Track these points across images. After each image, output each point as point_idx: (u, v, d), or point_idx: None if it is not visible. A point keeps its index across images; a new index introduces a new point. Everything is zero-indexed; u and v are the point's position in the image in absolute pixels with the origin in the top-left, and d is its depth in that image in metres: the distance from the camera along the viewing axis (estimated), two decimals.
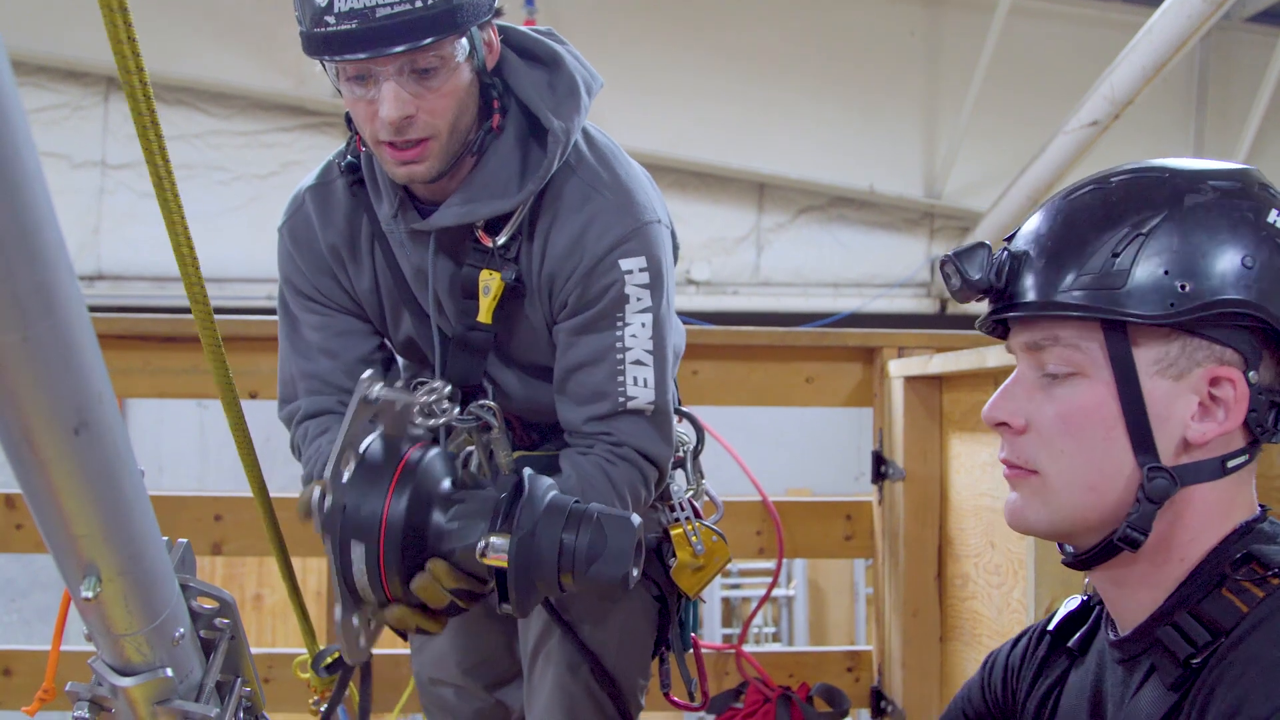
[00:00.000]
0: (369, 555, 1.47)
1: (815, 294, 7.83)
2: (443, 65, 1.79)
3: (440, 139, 1.84)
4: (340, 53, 1.73)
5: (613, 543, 1.50)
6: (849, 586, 7.53)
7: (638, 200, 1.96)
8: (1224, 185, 1.24)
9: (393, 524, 1.47)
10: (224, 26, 7.14)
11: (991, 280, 1.30)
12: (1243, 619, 1.17)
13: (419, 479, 1.52)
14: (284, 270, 2.13)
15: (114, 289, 7.16)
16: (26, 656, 3.32)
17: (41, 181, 0.70)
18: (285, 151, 7.33)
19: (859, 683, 3.50)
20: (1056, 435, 1.27)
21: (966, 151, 7.55)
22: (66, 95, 7.19)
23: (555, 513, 1.52)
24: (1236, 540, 1.24)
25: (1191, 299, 1.19)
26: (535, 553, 1.48)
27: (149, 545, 0.98)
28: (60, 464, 0.82)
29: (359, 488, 1.48)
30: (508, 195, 1.92)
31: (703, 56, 7.52)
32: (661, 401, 2.01)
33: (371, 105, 1.80)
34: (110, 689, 1.10)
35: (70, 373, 0.78)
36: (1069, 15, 7.87)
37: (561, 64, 1.97)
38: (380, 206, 2.01)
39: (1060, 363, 1.27)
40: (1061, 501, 1.28)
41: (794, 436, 8.12)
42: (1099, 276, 1.22)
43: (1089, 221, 1.26)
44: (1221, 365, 1.22)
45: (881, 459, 3.42)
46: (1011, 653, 1.53)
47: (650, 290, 1.95)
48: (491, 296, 1.95)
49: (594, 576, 1.49)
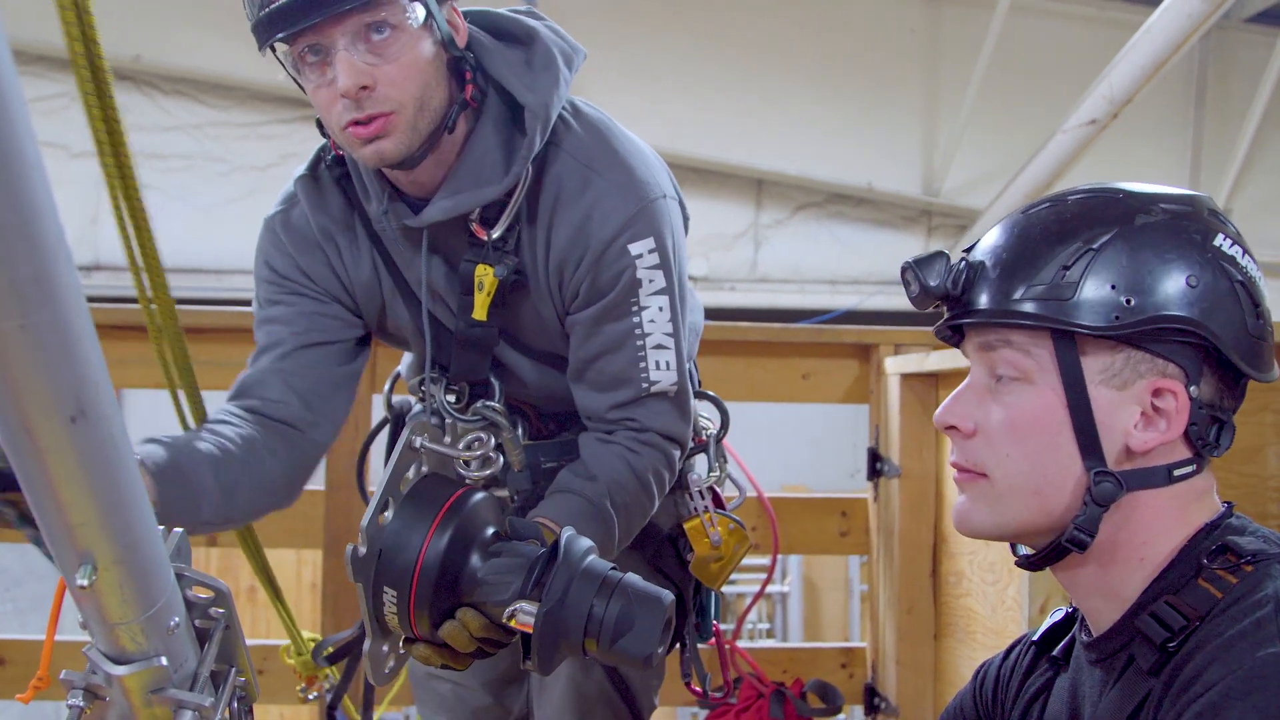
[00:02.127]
0: (400, 599, 1.46)
1: (812, 290, 7.84)
2: (398, 28, 1.72)
3: (405, 114, 1.76)
4: (288, 26, 1.67)
5: (641, 621, 1.46)
6: (844, 583, 7.53)
7: (639, 177, 1.89)
8: (1174, 208, 1.30)
9: (428, 566, 1.45)
10: (223, 17, 7.11)
11: (948, 288, 1.35)
12: (1216, 604, 1.21)
13: (462, 520, 1.50)
14: (266, 254, 2.05)
15: (112, 279, 7.15)
16: (21, 646, 3.32)
17: (42, 171, 0.70)
18: (285, 143, 7.33)
19: (853, 679, 3.50)
20: (1004, 439, 1.32)
21: (965, 149, 7.56)
22: (66, 85, 7.17)
23: (589, 579, 1.48)
24: (1207, 535, 1.29)
25: (1136, 313, 1.25)
26: (562, 623, 1.45)
27: (145, 534, 0.98)
28: (57, 452, 0.83)
29: (402, 521, 1.47)
30: (493, 181, 1.85)
31: (702, 52, 7.52)
32: (683, 381, 1.97)
33: (330, 89, 1.73)
34: (105, 677, 1.10)
35: (68, 361, 0.78)
36: (1068, 14, 7.88)
37: (537, 38, 1.90)
38: (369, 204, 1.96)
39: (1009, 367, 1.32)
40: (1007, 504, 1.33)
41: (790, 433, 8.12)
42: (1050, 288, 1.28)
43: (1043, 236, 1.32)
44: (1163, 378, 1.27)
45: (877, 456, 3.43)
46: (1003, 663, 1.57)
47: (662, 270, 1.90)
48: (485, 293, 1.89)
49: (619, 651, 1.46)
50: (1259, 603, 1.18)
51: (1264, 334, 1.31)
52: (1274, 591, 1.19)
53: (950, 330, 1.40)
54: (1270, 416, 2.71)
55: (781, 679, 3.13)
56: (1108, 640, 1.33)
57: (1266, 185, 8.01)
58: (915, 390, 3.32)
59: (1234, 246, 1.30)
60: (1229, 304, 1.27)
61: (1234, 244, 1.30)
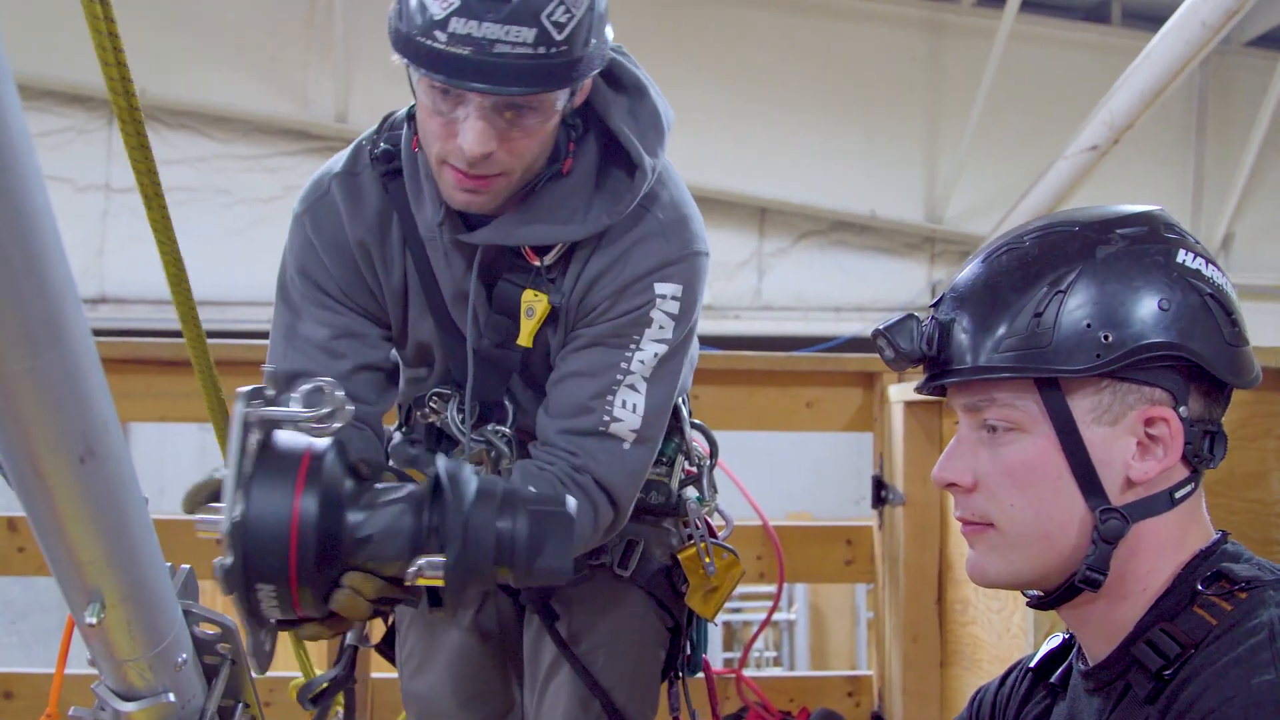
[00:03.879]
0: (279, 588, 1.26)
1: (816, 318, 7.84)
2: (540, 112, 1.69)
3: (512, 177, 1.74)
4: (445, 75, 1.61)
5: (552, 535, 1.33)
6: (850, 611, 7.51)
7: (691, 228, 1.89)
8: (1131, 232, 1.30)
9: (304, 544, 1.24)
10: (227, 50, 7.18)
11: (923, 349, 1.35)
12: (1211, 631, 1.22)
13: (325, 479, 1.27)
14: (299, 258, 1.95)
15: (117, 311, 7.17)
16: (28, 679, 3.32)
17: (49, 213, 0.70)
18: (288, 175, 7.35)
19: (859, 707, 3.50)
20: (1005, 490, 1.32)
21: (967, 176, 7.58)
22: (71, 119, 7.22)
23: (486, 503, 1.32)
24: (1202, 562, 1.29)
25: (1116, 348, 1.25)
26: (472, 565, 1.30)
27: (153, 572, 0.99)
28: (66, 492, 0.83)
29: (259, 505, 1.23)
30: (574, 222, 1.82)
31: (704, 81, 7.54)
32: (646, 433, 1.90)
33: (450, 126, 1.68)
34: (113, 714, 1.10)
35: (76, 402, 0.78)
36: (1069, 40, 7.91)
37: (646, 94, 1.89)
38: (421, 211, 1.88)
39: (1000, 420, 1.31)
40: (1019, 553, 1.33)
41: (794, 461, 8.10)
42: (1026, 336, 1.28)
43: (1009, 284, 1.31)
44: (1153, 405, 1.27)
45: (882, 484, 3.43)
46: (999, 689, 1.56)
47: (675, 322, 1.88)
48: (536, 319, 1.85)
49: (539, 572, 1.33)
50: (1253, 629, 1.18)
51: (1240, 341, 1.31)
52: (1269, 619, 1.19)
53: (932, 387, 1.40)
54: (1273, 442, 2.71)
55: (788, 708, 3.13)
56: (1105, 669, 1.33)
57: (1268, 209, 8.02)
58: (919, 417, 3.32)
59: (1196, 260, 1.30)
60: (1204, 319, 1.27)
61: (1196, 256, 1.30)
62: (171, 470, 7.71)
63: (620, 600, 2.12)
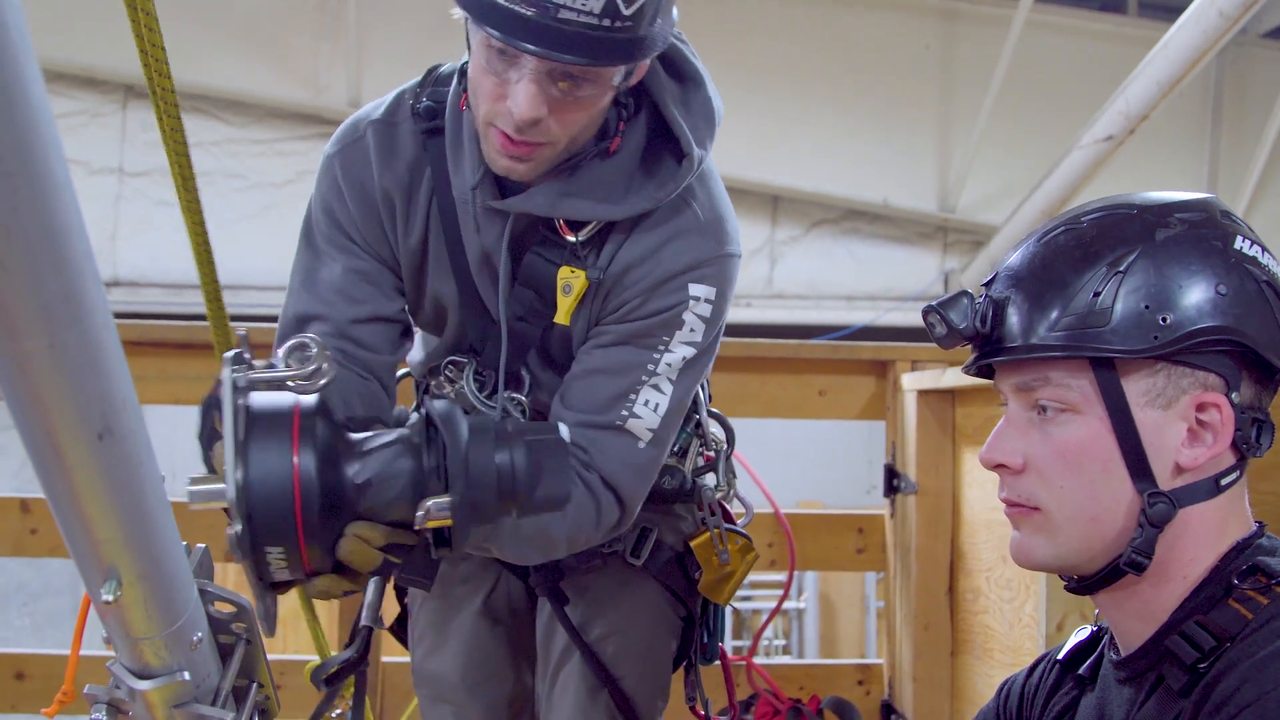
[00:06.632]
0: (289, 549, 1.27)
1: (828, 307, 7.83)
2: (596, 85, 1.65)
3: (557, 147, 1.71)
4: (502, 32, 1.55)
5: (548, 463, 1.35)
6: (860, 599, 7.52)
7: (727, 229, 1.87)
8: (1190, 217, 1.31)
9: (308, 499, 1.25)
10: (241, 35, 7.17)
11: (977, 326, 1.35)
12: (1247, 625, 1.22)
13: (319, 432, 1.28)
14: (325, 199, 1.92)
15: (130, 295, 7.18)
16: (41, 660, 3.34)
17: (70, 190, 0.70)
18: (301, 160, 7.35)
19: (869, 696, 3.50)
20: (1056, 472, 1.32)
21: (981, 165, 7.55)
22: (85, 102, 7.22)
23: (482, 440, 1.33)
24: (1237, 555, 1.29)
25: (1173, 330, 1.25)
26: (478, 502, 1.32)
27: (169, 550, 0.99)
28: (84, 469, 0.83)
29: (258, 468, 1.24)
30: (613, 201, 1.78)
31: (717, 69, 7.45)
32: (662, 434, 1.88)
33: (501, 86, 1.63)
34: (128, 692, 1.10)
35: (95, 379, 0.79)
36: (1084, 30, 7.87)
37: (702, 85, 1.88)
38: (459, 171, 1.85)
39: (1053, 400, 1.31)
40: (1066, 535, 1.33)
41: (806, 449, 8.10)
42: (1083, 316, 1.28)
43: (1067, 263, 1.31)
44: (1206, 391, 1.27)
45: (894, 472, 3.43)
46: (1027, 681, 1.56)
47: (706, 325, 1.85)
48: (574, 296, 1.82)
49: (540, 502, 1.36)
50: None
51: None
52: None
53: (980, 367, 1.40)
54: None
55: (798, 696, 3.12)
56: (1138, 659, 1.33)
57: None
58: (932, 406, 3.31)
59: (1253, 247, 1.31)
60: (1259, 305, 1.28)
61: (1253, 244, 1.31)
62: (184, 453, 7.72)
63: (632, 589, 2.11)
